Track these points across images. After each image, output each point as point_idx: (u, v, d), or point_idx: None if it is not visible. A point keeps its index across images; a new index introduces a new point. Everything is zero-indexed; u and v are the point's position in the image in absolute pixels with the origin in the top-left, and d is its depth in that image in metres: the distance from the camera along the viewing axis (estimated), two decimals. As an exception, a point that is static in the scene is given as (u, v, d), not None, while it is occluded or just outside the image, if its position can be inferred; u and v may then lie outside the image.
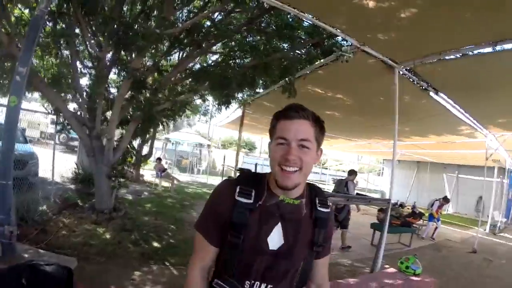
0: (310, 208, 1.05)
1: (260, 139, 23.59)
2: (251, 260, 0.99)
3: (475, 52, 3.10)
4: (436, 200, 8.29)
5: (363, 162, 25.46)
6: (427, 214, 8.44)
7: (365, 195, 7.83)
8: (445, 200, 8.38)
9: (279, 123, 0.99)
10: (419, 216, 8.00)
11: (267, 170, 1.07)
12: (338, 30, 3.21)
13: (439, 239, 7.82)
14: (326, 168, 30.08)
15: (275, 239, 0.99)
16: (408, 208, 8.84)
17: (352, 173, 6.38)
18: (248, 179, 1.04)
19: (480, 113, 5.26)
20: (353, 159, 23.89)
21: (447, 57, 3.31)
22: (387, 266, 3.64)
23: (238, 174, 1.11)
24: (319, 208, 1.05)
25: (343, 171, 27.71)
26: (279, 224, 1.00)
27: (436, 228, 7.96)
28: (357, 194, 6.50)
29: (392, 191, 4.11)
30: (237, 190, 0.99)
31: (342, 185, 6.16)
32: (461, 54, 3.22)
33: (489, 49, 3.01)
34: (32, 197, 4.59)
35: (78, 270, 3.21)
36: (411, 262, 3.20)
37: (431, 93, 4.37)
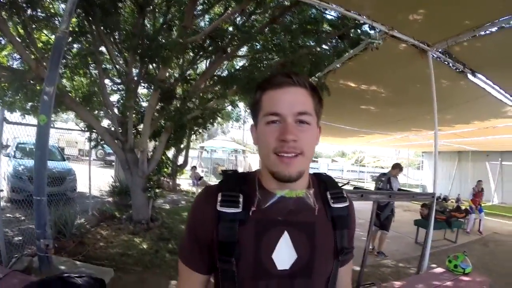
0: (323, 206, 0.78)
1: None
2: None
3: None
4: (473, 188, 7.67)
5: (402, 157, 24.42)
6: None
7: (408, 191, 7.36)
8: (478, 184, 7.74)
9: (266, 95, 0.73)
10: (465, 212, 7.42)
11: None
12: (364, 17, 3.05)
13: (486, 233, 7.27)
14: (364, 166, 29.57)
15: (283, 254, 0.72)
16: (452, 202, 8.22)
17: (396, 167, 5.53)
18: (232, 182, 0.78)
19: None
20: (391, 154, 22.99)
21: (482, 33, 3.01)
22: (434, 265, 3.38)
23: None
24: (333, 205, 0.78)
25: (382, 167, 26.85)
26: (286, 232, 0.73)
27: (480, 220, 7.36)
28: (399, 189, 5.99)
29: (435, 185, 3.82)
30: (219, 198, 0.73)
31: (385, 182, 5.45)
32: (496, 28, 2.92)
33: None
34: (70, 211, 4.66)
35: (115, 280, 3.24)
36: (460, 260, 2.91)
37: (469, 75, 4.05)
